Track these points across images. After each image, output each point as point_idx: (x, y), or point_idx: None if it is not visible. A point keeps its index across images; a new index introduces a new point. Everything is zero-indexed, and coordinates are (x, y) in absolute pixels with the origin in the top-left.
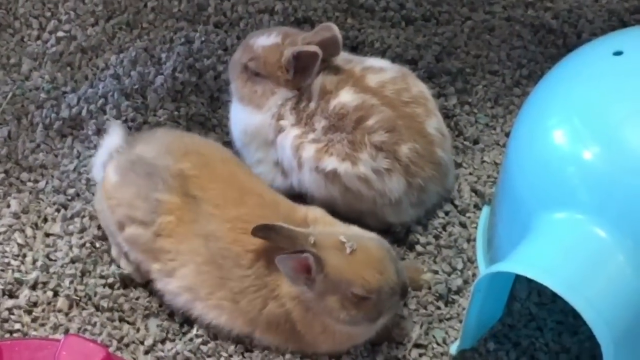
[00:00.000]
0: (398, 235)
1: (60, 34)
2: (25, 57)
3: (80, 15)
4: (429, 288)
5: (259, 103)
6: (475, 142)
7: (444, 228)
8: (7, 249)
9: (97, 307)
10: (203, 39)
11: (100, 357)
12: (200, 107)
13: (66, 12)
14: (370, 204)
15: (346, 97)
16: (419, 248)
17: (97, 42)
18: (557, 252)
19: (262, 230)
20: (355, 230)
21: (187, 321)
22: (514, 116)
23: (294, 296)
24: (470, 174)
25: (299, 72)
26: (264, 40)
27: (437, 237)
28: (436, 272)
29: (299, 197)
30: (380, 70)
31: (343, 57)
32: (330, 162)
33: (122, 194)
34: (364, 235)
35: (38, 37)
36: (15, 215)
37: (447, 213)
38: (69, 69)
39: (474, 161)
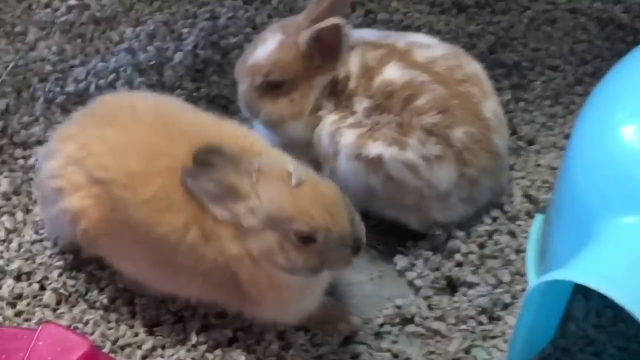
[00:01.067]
0: (437, 241)
1: (72, 2)
2: (32, 25)
3: None
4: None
5: (299, 110)
6: (530, 142)
7: (490, 236)
8: None
9: (90, 304)
10: (230, 14)
11: (82, 351)
12: (222, 88)
13: None
14: (415, 197)
15: (393, 72)
16: (459, 257)
17: (112, 13)
18: (624, 260)
19: (205, 153)
20: (310, 171)
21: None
22: (575, 116)
23: (239, 255)
24: (523, 177)
25: (327, 53)
26: (266, 47)
27: (481, 246)
28: (477, 285)
29: None
30: (428, 46)
31: (375, 34)
32: (375, 148)
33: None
34: (319, 177)
35: (47, 5)
36: (5, 196)
37: (494, 219)
38: (79, 40)
39: (528, 164)
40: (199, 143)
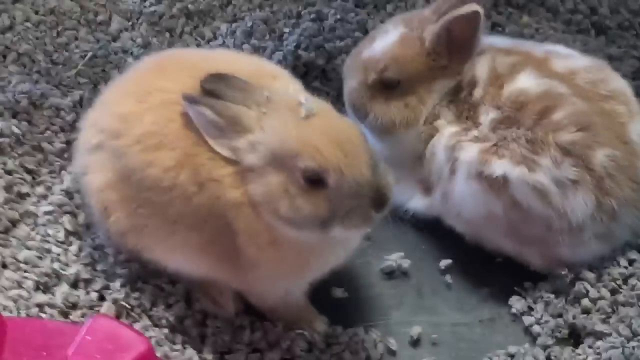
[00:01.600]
0: (561, 282)
1: None
2: (117, 15)
3: None
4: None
5: (415, 116)
6: None
7: (625, 281)
8: (51, 232)
9: (155, 321)
10: (338, 16)
11: (138, 352)
12: (324, 96)
13: None
14: (542, 228)
15: (527, 81)
16: (586, 303)
17: (207, 7)
18: None
19: (211, 82)
20: (328, 106)
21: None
22: None
23: (237, 201)
24: None
25: (456, 50)
26: (386, 40)
27: (614, 292)
28: (607, 335)
29: (434, 222)
30: (568, 56)
31: (506, 41)
32: (500, 166)
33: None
34: (338, 114)
35: None
36: (68, 194)
37: (631, 262)
38: (167, 34)
39: None
40: (202, 76)
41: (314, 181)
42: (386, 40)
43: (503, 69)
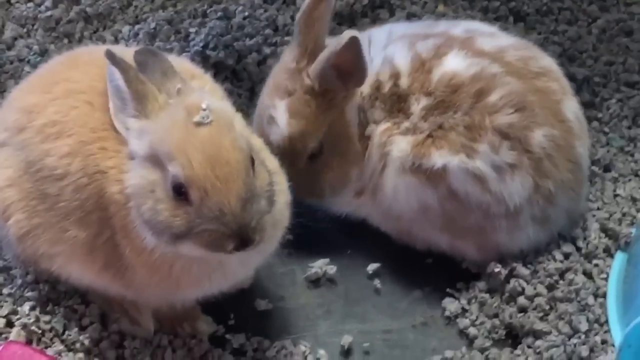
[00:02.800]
0: (495, 281)
1: None
2: (11, 22)
3: None
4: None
5: (355, 151)
6: (606, 169)
7: (561, 276)
8: None
9: (68, 345)
10: (246, 13)
11: None
12: (236, 98)
13: None
14: (479, 216)
15: (456, 63)
16: (522, 301)
17: (106, 9)
18: None
19: (143, 54)
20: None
21: None
22: None
23: (119, 196)
24: (599, 208)
25: (349, 76)
26: (280, 122)
27: (551, 287)
28: (546, 334)
29: (359, 225)
30: (491, 34)
31: (411, 26)
32: (440, 157)
33: None
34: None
35: None
36: None
37: (566, 256)
38: (66, 40)
39: (605, 193)
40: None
41: (180, 192)
42: (280, 123)
43: (427, 53)
